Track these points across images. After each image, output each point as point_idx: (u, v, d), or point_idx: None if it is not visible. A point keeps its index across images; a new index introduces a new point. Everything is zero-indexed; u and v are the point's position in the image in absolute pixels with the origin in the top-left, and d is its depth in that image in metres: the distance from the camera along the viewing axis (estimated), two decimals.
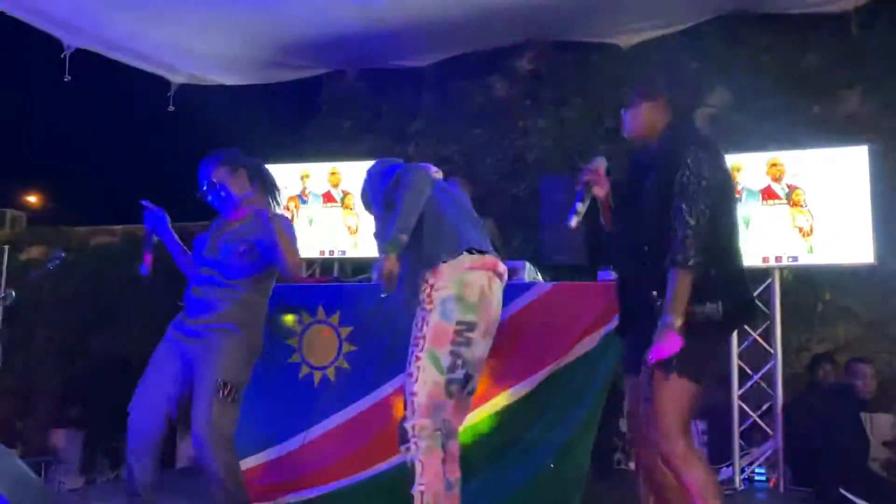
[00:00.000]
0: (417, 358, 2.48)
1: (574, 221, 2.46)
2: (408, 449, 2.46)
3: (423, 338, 2.49)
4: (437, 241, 2.55)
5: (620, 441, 4.58)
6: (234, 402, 2.77)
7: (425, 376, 2.46)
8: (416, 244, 2.52)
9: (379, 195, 2.67)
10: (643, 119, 2.46)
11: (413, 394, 2.47)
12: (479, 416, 3.23)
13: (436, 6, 4.72)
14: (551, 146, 5.41)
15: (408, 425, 2.45)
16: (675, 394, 2.23)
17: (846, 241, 3.98)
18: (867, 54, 4.71)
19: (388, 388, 3.43)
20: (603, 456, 4.15)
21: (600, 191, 2.52)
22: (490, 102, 5.70)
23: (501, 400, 3.23)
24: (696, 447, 2.29)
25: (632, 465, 4.32)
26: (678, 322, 2.18)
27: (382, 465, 3.38)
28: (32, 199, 14.36)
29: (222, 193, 2.91)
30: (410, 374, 2.48)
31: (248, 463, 3.42)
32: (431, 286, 2.52)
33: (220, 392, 2.72)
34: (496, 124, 5.59)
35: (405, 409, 2.49)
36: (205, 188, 2.92)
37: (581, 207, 2.47)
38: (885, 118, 4.70)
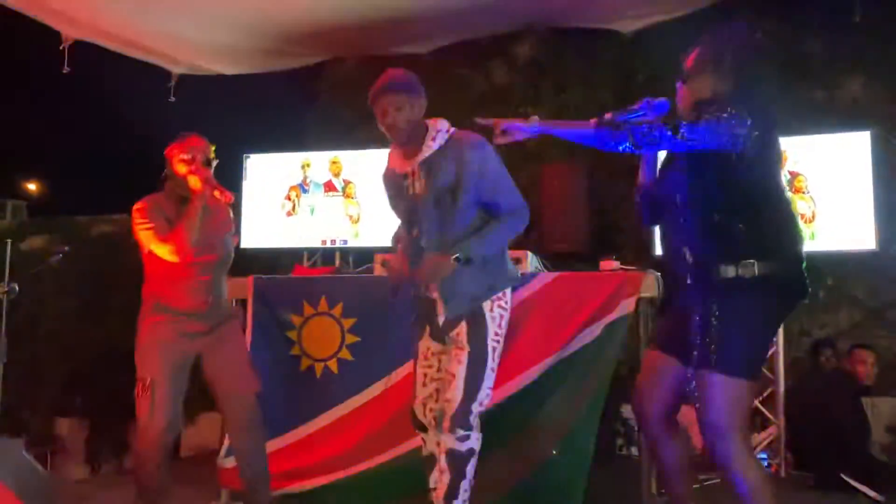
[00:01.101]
0: (498, 356, 2.58)
1: (609, 114, 2.33)
2: (466, 437, 2.50)
3: (503, 337, 2.61)
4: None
5: (623, 427, 4.60)
6: None
7: (494, 375, 2.58)
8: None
9: (480, 183, 2.59)
10: (706, 90, 2.27)
11: (491, 388, 2.58)
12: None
13: None
14: None
15: (474, 415, 2.52)
16: (735, 395, 2.11)
17: (848, 228, 3.98)
18: (869, 40, 4.68)
19: (394, 378, 3.44)
20: (605, 442, 4.17)
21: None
22: (490, 89, 5.68)
23: (506, 389, 3.24)
24: (751, 447, 2.22)
25: (634, 451, 4.35)
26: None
27: (387, 455, 3.39)
28: (33, 187, 14.36)
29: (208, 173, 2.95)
30: (493, 370, 2.56)
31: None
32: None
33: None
34: (497, 111, 5.53)
35: (468, 399, 2.51)
36: (205, 161, 2.95)
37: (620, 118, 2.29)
38: (887, 104, 4.68)
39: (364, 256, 4.44)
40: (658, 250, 3.69)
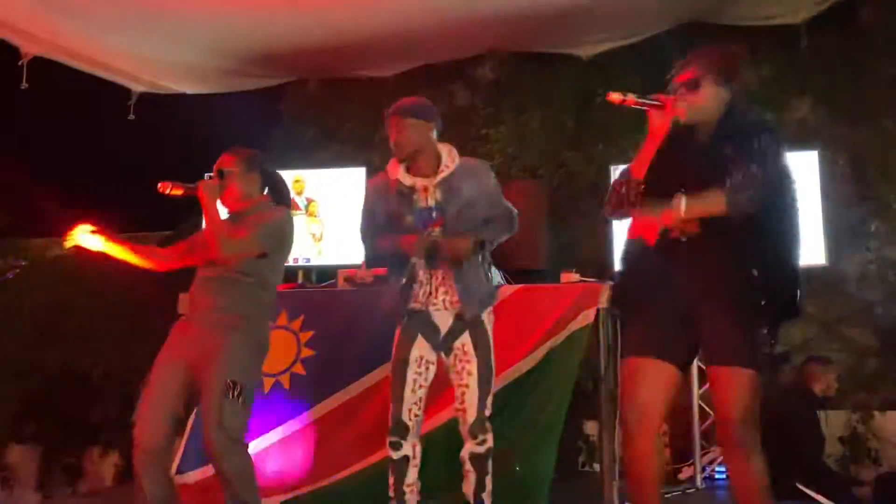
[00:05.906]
0: None
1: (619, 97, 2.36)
2: (484, 440, 2.77)
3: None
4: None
5: (585, 444, 4.63)
6: (245, 402, 2.67)
7: None
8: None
9: (491, 200, 2.91)
10: (714, 99, 2.34)
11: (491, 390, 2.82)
12: (446, 419, 3.24)
13: (396, 21, 4.74)
14: (513, 154, 5.48)
15: (486, 418, 2.76)
16: (757, 386, 2.22)
17: None
18: (815, 64, 4.88)
19: (353, 391, 3.41)
20: (567, 457, 4.19)
21: (659, 118, 2.35)
22: (452, 111, 5.74)
23: None
24: None
25: (596, 467, 4.38)
26: (684, 208, 2.18)
27: (344, 473, 3.35)
28: None
29: (226, 184, 2.90)
30: (495, 374, 2.82)
31: (193, 477, 3.40)
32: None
33: (230, 392, 2.62)
34: (458, 133, 5.63)
35: (483, 407, 2.75)
36: (214, 174, 2.95)
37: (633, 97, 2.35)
38: (834, 125, 4.87)
39: (326, 274, 4.44)
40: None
